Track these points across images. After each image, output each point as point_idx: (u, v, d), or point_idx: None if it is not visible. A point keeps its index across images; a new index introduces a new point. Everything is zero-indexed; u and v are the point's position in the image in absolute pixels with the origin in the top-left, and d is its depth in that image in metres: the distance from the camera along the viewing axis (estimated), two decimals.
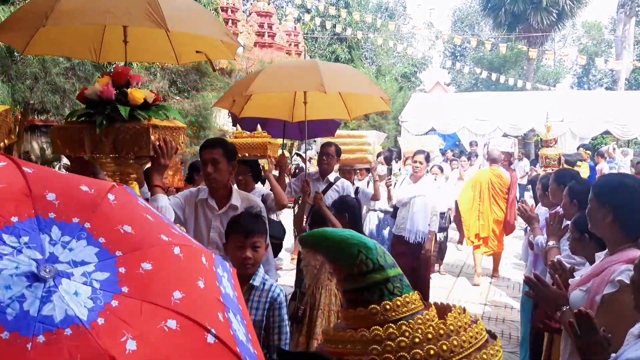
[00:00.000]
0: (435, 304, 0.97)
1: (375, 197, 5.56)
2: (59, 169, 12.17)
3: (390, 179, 5.56)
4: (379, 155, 6.35)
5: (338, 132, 5.84)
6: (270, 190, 3.89)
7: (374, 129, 13.93)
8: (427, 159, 5.54)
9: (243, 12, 16.87)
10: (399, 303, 0.90)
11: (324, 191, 4.66)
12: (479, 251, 6.94)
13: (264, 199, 3.69)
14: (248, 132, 4.93)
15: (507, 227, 6.90)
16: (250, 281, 2.28)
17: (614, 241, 1.98)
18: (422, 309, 0.92)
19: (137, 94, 2.19)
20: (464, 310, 0.91)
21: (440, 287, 6.49)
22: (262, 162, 5.06)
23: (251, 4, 22.28)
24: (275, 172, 4.37)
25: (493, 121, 13.45)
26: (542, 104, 13.35)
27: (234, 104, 4.23)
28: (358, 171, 6.63)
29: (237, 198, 2.90)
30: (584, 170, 9.11)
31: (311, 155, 11.27)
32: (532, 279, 2.09)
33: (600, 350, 1.54)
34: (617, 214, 1.94)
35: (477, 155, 10.75)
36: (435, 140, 10.31)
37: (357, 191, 5.45)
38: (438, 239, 6.61)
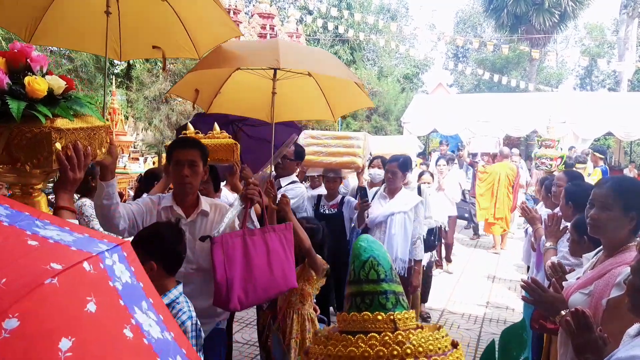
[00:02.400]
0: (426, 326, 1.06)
1: (360, 219, 4.43)
2: None
3: (366, 201, 4.27)
4: (374, 159, 5.40)
5: (321, 132, 5.33)
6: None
7: (375, 132, 13.92)
8: (405, 166, 4.38)
9: (245, 13, 16.91)
10: (392, 317, 1.00)
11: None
12: (495, 229, 8.99)
13: None
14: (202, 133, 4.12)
15: (512, 208, 8.98)
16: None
17: (620, 244, 1.96)
18: (412, 327, 1.01)
19: (38, 85, 1.58)
20: (439, 328, 1.02)
21: (441, 289, 6.49)
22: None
23: (253, 5, 22.31)
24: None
25: (495, 122, 13.43)
26: (544, 106, 13.34)
27: (197, 96, 3.67)
28: (348, 177, 5.66)
29: (206, 204, 2.69)
30: (595, 175, 9.08)
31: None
32: (530, 284, 2.06)
33: (596, 349, 1.54)
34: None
35: (454, 160, 9.51)
36: (412, 141, 9.10)
37: (342, 201, 4.60)
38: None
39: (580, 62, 24.00)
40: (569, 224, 2.98)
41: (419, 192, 4.95)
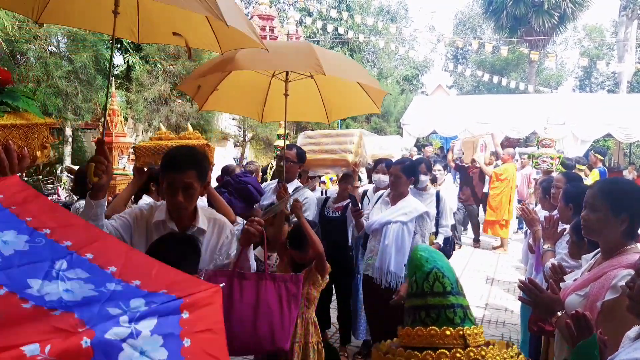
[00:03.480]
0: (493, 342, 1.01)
1: (357, 226, 4.09)
2: (61, 172, 12.19)
3: (358, 208, 3.98)
4: (378, 162, 5.02)
5: (316, 132, 5.08)
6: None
7: (375, 133, 13.90)
8: (411, 171, 3.88)
9: (245, 15, 16.90)
10: (461, 333, 0.94)
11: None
12: (504, 232, 9.16)
13: None
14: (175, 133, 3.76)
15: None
16: None
17: (615, 246, 1.96)
18: (482, 344, 0.96)
19: None
20: (508, 345, 0.98)
21: None
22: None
23: (253, 7, 22.32)
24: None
25: (495, 124, 13.43)
26: (543, 107, 13.34)
27: (198, 91, 3.52)
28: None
29: (204, 219, 2.28)
30: (594, 176, 9.05)
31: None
32: (527, 284, 2.07)
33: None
34: (634, 220, 1.93)
35: (447, 167, 8.66)
36: (396, 142, 7.86)
37: (347, 205, 4.27)
38: None
39: (580, 63, 24.00)
40: (567, 226, 2.98)
41: (437, 199, 4.64)
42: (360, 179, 5.86)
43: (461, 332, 0.95)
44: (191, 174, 2.12)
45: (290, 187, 3.85)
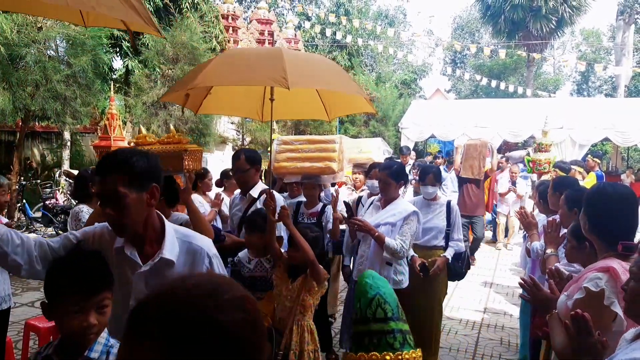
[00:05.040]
0: None
1: (333, 234, 4.03)
2: (59, 176, 12.18)
3: (352, 215, 3.88)
4: (371, 168, 4.78)
5: (293, 137, 4.88)
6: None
7: (374, 137, 13.91)
8: (398, 175, 3.66)
9: (244, 19, 16.96)
10: (400, 357, 1.00)
11: (246, 211, 3.62)
12: None
13: None
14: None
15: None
16: (86, 352, 1.51)
17: (599, 249, 2.05)
18: None
19: None
20: None
21: None
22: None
23: (252, 11, 22.39)
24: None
25: (493, 128, 13.46)
26: (541, 111, 13.35)
27: (187, 100, 3.54)
28: (328, 185, 5.09)
29: (174, 245, 1.78)
30: (591, 179, 9.07)
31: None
32: (527, 281, 2.18)
33: (595, 353, 1.55)
34: (592, 223, 2.02)
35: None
36: (376, 144, 7.10)
37: (322, 210, 4.23)
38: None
39: (577, 68, 24.12)
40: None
41: (449, 209, 4.20)
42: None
43: (400, 357, 1.00)
44: (114, 178, 1.66)
45: (255, 192, 3.66)
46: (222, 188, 5.39)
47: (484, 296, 6.62)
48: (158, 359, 0.65)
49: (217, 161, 10.88)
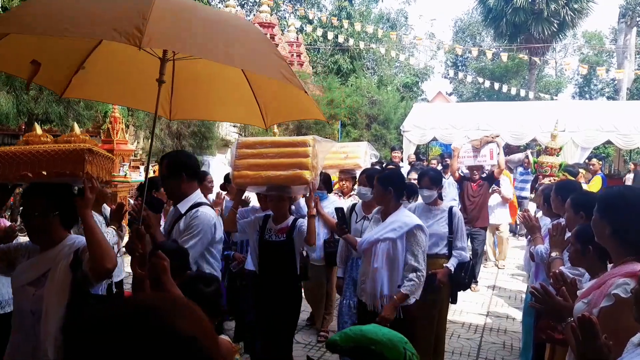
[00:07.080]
0: None
1: (309, 240, 3.53)
2: None
3: (344, 227, 3.68)
4: (361, 173, 4.50)
5: (256, 140, 3.89)
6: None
7: (375, 140, 13.89)
8: (390, 182, 3.44)
9: None
10: None
11: (172, 225, 2.97)
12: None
13: (79, 254, 2.12)
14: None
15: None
16: None
17: (617, 254, 1.97)
18: None
19: None
20: None
21: None
22: None
23: (254, 15, 22.44)
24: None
25: (495, 131, 13.44)
26: (543, 114, 13.36)
27: (37, 70, 2.30)
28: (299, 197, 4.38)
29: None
30: (595, 182, 9.06)
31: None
32: (539, 290, 2.09)
33: (601, 357, 1.54)
34: (615, 229, 1.93)
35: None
36: (363, 148, 6.15)
37: (293, 225, 3.67)
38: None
39: (579, 71, 24.11)
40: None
41: (450, 215, 4.03)
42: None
43: None
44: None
45: (184, 206, 2.96)
46: (226, 192, 5.40)
47: (487, 300, 6.61)
48: None
49: (219, 164, 10.90)
